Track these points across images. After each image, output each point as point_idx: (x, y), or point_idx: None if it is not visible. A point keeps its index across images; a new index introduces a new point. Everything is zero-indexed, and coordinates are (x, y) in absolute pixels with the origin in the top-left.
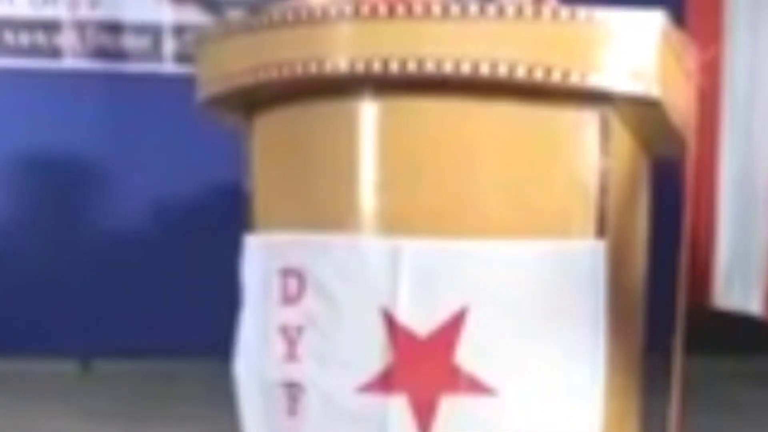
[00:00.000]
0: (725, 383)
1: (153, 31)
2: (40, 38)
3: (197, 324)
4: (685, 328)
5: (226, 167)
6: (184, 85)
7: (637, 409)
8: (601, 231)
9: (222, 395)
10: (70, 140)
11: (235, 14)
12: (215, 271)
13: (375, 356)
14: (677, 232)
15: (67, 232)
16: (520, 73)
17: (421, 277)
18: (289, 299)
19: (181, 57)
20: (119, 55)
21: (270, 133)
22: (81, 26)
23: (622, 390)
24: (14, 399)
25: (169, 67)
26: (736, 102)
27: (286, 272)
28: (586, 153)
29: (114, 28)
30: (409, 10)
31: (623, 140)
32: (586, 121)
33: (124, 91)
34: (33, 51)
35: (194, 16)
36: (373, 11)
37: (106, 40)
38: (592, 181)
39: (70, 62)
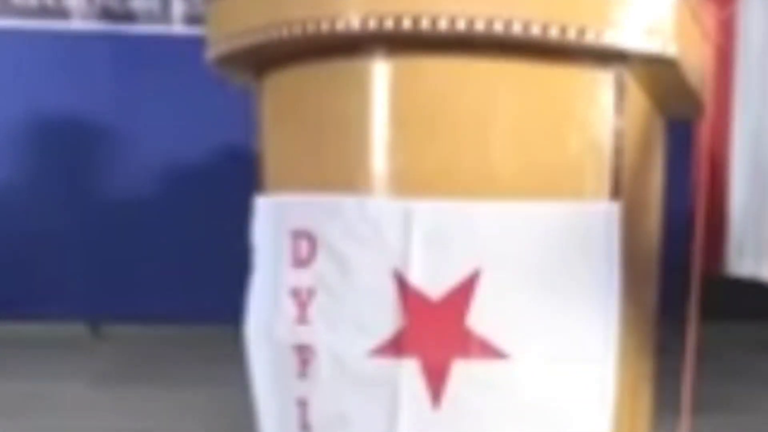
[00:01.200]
0: (736, 351)
1: None
2: None
3: (208, 288)
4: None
5: (236, 129)
6: (193, 47)
7: (651, 374)
8: (615, 192)
9: (232, 360)
10: (78, 102)
11: None
12: (226, 235)
13: (386, 319)
14: (687, 196)
15: (76, 194)
16: (535, 31)
17: (433, 239)
18: (300, 261)
19: (191, 19)
20: (127, 16)
21: (281, 93)
22: None
23: (636, 354)
24: (22, 363)
25: (178, 28)
26: (750, 64)
27: (297, 234)
28: (600, 112)
29: None
30: None
31: (638, 100)
32: (601, 81)
33: (133, 53)
34: (41, 12)
35: None
36: None
37: (114, 1)
38: (606, 142)
39: (78, 24)
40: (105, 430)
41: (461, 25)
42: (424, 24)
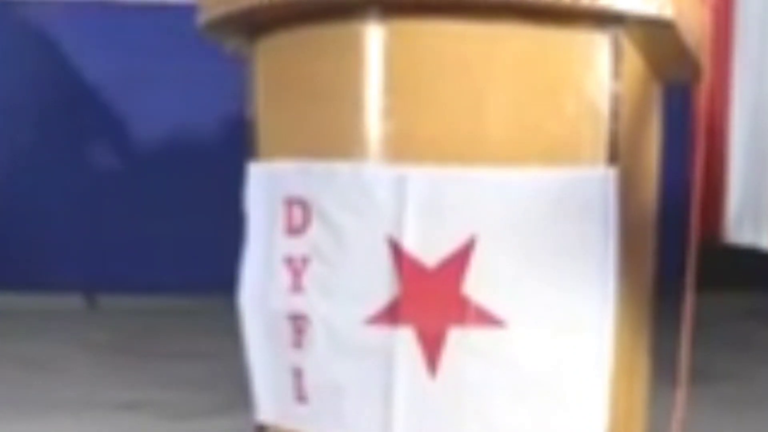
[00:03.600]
0: (734, 320)
1: None
2: None
3: (204, 259)
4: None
5: (230, 97)
6: (188, 15)
7: (648, 342)
8: (612, 158)
9: (228, 331)
10: (73, 70)
11: None
12: (221, 205)
13: (381, 287)
14: (686, 164)
15: (71, 164)
16: None
17: (428, 206)
18: (294, 229)
19: None
20: None
21: (273, 58)
22: None
23: (632, 323)
24: (18, 334)
25: None
26: (750, 28)
27: (291, 201)
28: (597, 76)
29: None
30: None
31: (635, 64)
32: (598, 44)
33: (127, 21)
34: None
35: None
36: None
37: None
38: (603, 106)
39: None
40: (100, 402)
41: None
42: None
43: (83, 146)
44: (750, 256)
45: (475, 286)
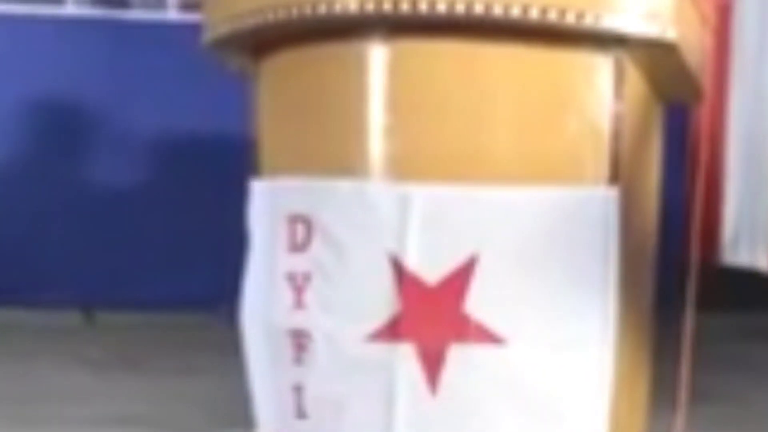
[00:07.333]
0: (732, 340)
1: None
2: None
3: (203, 276)
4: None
5: (229, 115)
6: (188, 33)
7: (647, 361)
8: (614, 178)
9: (228, 347)
10: (72, 88)
11: None
12: (222, 221)
13: (383, 304)
14: (683, 186)
15: (70, 180)
16: (534, 14)
17: (431, 224)
18: (296, 246)
19: (186, 5)
20: (122, 2)
21: (277, 76)
22: None
23: (633, 341)
24: (16, 350)
25: (172, 15)
26: (747, 50)
27: (294, 218)
28: (599, 97)
29: None
30: None
31: (637, 84)
32: (600, 65)
33: (127, 39)
34: None
35: None
36: None
37: None
38: (605, 126)
39: (72, 9)
40: (98, 417)
41: (460, 8)
42: (423, 7)
43: (80, 164)
44: (746, 276)
45: (476, 304)
